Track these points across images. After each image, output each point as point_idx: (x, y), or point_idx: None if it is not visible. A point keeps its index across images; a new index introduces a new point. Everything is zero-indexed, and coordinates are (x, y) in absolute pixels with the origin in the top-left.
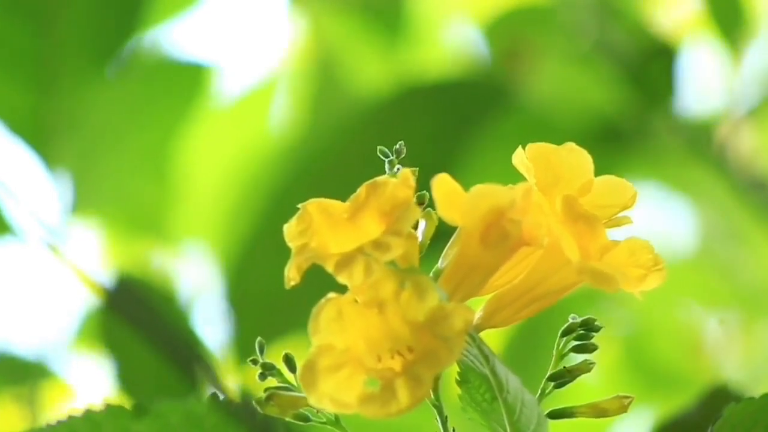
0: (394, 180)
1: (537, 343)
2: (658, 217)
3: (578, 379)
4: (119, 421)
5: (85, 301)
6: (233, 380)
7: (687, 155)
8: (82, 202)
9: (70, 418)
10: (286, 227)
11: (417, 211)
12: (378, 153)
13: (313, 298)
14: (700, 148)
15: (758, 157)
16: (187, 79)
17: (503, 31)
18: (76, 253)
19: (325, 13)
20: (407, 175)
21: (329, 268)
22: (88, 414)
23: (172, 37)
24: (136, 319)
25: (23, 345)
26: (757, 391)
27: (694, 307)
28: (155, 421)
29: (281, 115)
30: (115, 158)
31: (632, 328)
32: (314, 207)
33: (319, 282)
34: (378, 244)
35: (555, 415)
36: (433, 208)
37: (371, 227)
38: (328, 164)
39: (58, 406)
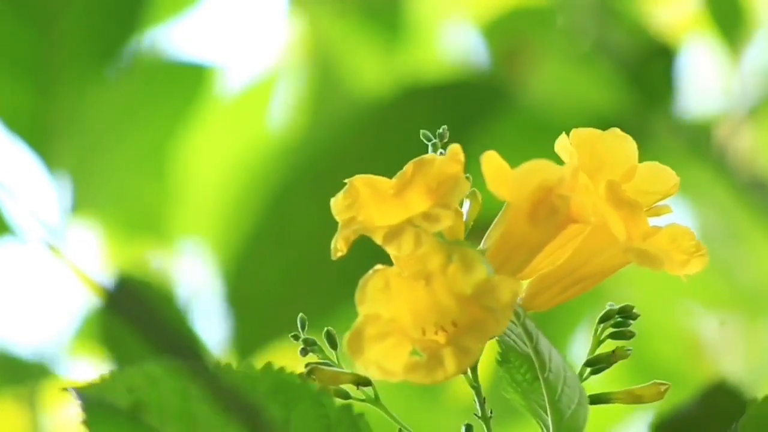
0: (440, 157)
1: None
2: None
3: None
4: (174, 377)
5: (84, 301)
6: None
7: (687, 155)
8: (81, 202)
9: (128, 371)
10: (333, 201)
11: (466, 185)
12: (421, 137)
13: (314, 297)
14: (700, 148)
15: (758, 157)
16: (186, 79)
17: (503, 32)
18: (76, 253)
19: (324, 13)
20: (456, 150)
21: (378, 239)
22: (146, 369)
23: (171, 36)
24: (135, 319)
25: (23, 345)
26: (758, 392)
27: (695, 308)
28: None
29: (280, 115)
30: (115, 158)
31: (632, 327)
32: (361, 182)
33: (322, 281)
34: (427, 216)
35: (591, 401)
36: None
37: (417, 203)
38: (328, 164)
39: (59, 406)
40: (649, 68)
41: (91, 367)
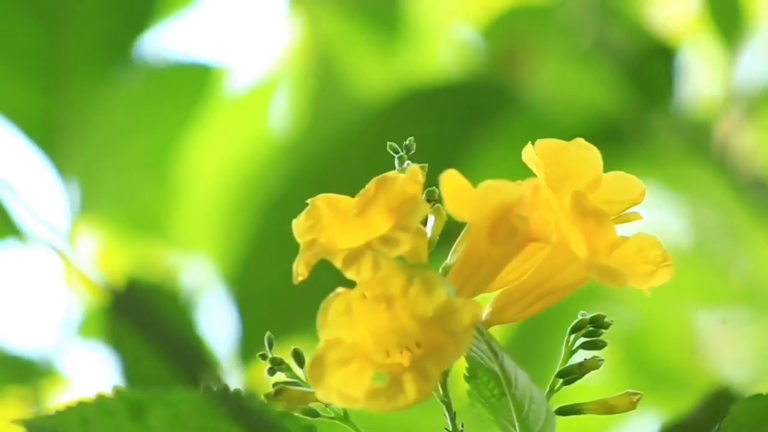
0: (402, 175)
1: (536, 341)
2: (658, 217)
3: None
4: (131, 409)
5: (89, 302)
6: (237, 380)
7: (687, 154)
8: (88, 204)
9: (81, 404)
10: (294, 223)
11: (425, 207)
12: (388, 149)
13: (317, 298)
14: (700, 147)
15: (758, 157)
16: (193, 80)
17: (502, 31)
18: (82, 255)
19: (324, 13)
20: (415, 170)
21: (337, 263)
22: (100, 400)
23: (172, 37)
24: (140, 321)
25: (27, 345)
26: (761, 390)
27: (694, 307)
28: (166, 409)
29: (282, 116)
30: (121, 160)
31: (632, 327)
32: (323, 202)
33: (324, 281)
34: (386, 240)
35: (563, 411)
36: (443, 204)
37: (380, 223)
38: (331, 165)
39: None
40: (649, 68)
41: (93, 366)
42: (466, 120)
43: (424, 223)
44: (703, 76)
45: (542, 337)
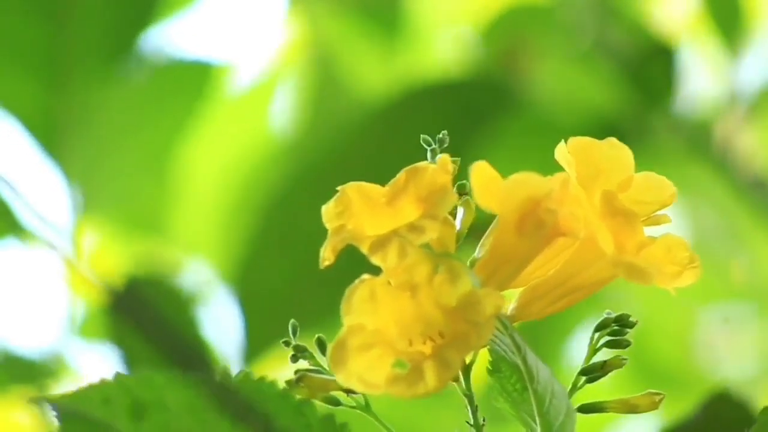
0: (433, 165)
1: (533, 339)
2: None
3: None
4: (152, 389)
5: (91, 300)
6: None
7: (687, 154)
8: (90, 203)
9: (103, 383)
10: (324, 208)
11: (454, 197)
12: (421, 142)
13: (318, 297)
14: (700, 147)
15: (758, 157)
16: (195, 78)
17: (502, 31)
18: (84, 254)
19: (324, 13)
20: (446, 160)
21: (364, 249)
22: (121, 380)
23: (173, 35)
24: (140, 320)
25: (30, 344)
26: (757, 391)
27: (694, 307)
28: (186, 391)
29: (282, 115)
30: (123, 159)
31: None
32: (353, 190)
33: (326, 280)
34: (413, 227)
35: (585, 409)
36: (473, 198)
37: (409, 212)
38: (331, 165)
39: None
40: (649, 67)
41: (96, 365)
42: (466, 119)
43: (454, 215)
44: (703, 76)
45: (540, 335)
